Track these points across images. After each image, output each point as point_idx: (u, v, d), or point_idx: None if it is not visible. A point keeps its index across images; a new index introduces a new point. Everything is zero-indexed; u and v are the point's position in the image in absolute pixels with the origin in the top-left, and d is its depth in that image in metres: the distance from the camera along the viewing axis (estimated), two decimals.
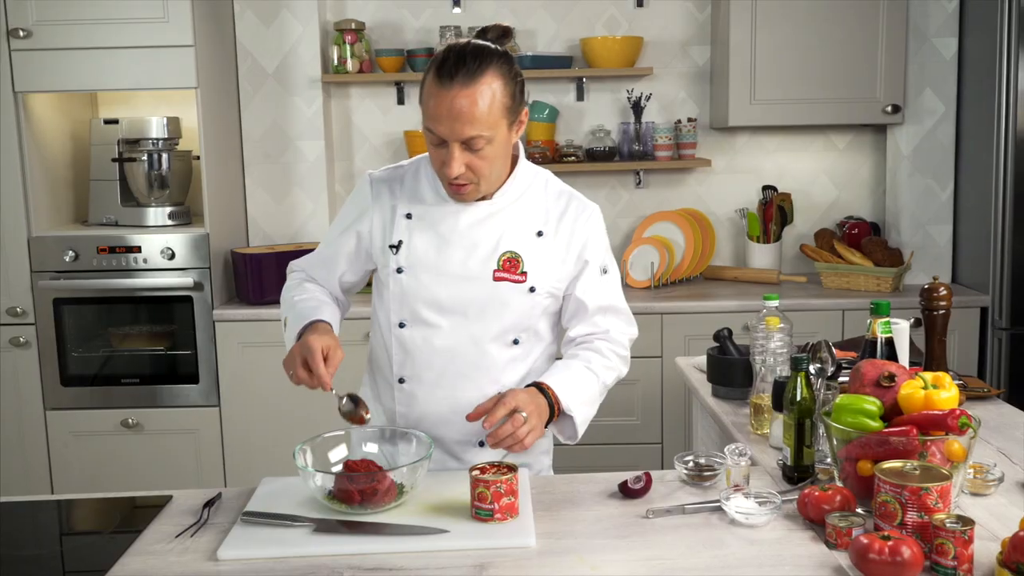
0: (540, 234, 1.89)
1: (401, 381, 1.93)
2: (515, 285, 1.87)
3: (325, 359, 1.71)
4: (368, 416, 1.77)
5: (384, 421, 1.96)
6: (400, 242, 1.89)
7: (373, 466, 1.66)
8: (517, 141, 1.91)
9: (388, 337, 1.93)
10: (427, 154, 1.92)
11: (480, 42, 1.77)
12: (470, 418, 1.75)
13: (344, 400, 1.77)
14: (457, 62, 1.70)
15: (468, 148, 1.74)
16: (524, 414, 1.71)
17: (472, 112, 1.70)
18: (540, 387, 1.82)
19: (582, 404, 1.86)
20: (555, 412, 1.81)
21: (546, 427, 1.82)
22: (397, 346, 1.92)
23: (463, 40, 1.78)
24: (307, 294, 1.95)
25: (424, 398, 1.91)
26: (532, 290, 1.87)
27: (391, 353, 1.93)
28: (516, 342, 1.90)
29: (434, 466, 1.84)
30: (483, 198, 1.88)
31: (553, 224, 1.91)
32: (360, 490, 1.60)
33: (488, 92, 1.71)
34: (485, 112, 1.71)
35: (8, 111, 3.43)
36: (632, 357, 2.04)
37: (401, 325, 1.91)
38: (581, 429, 1.89)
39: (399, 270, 1.89)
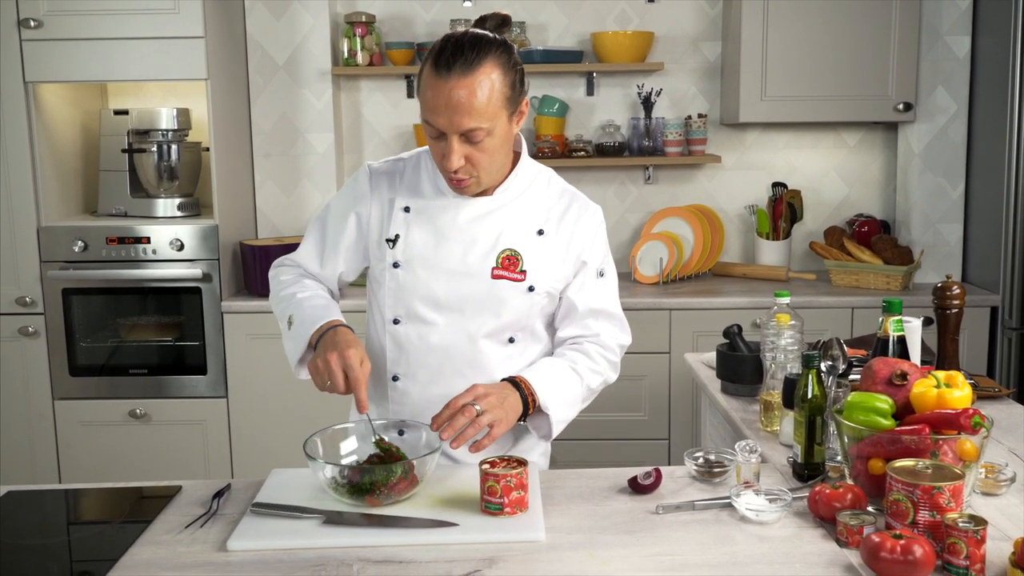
0: (541, 232, 1.85)
1: (395, 379, 1.89)
2: (514, 284, 1.83)
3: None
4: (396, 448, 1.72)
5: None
6: (397, 236, 1.85)
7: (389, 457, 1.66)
8: (521, 137, 1.88)
9: (382, 334, 1.89)
10: (428, 147, 1.88)
11: (478, 31, 1.73)
12: (433, 428, 1.69)
13: (377, 438, 1.72)
14: (455, 52, 1.66)
15: (467, 140, 1.70)
16: (477, 407, 1.67)
17: (471, 103, 1.65)
18: (515, 381, 1.78)
19: (561, 404, 1.83)
20: (530, 407, 1.78)
21: (522, 421, 1.79)
22: (391, 343, 1.88)
23: (461, 30, 1.73)
24: (310, 291, 1.88)
25: (418, 396, 1.88)
26: (531, 289, 1.84)
27: (385, 350, 1.89)
28: (512, 340, 1.87)
29: None
30: (483, 193, 1.84)
31: (554, 223, 1.87)
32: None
33: (487, 82, 1.66)
34: (484, 103, 1.66)
35: (18, 101, 3.44)
36: (640, 353, 2.03)
37: (396, 321, 1.87)
38: (557, 428, 1.85)
39: (395, 264, 1.84)
